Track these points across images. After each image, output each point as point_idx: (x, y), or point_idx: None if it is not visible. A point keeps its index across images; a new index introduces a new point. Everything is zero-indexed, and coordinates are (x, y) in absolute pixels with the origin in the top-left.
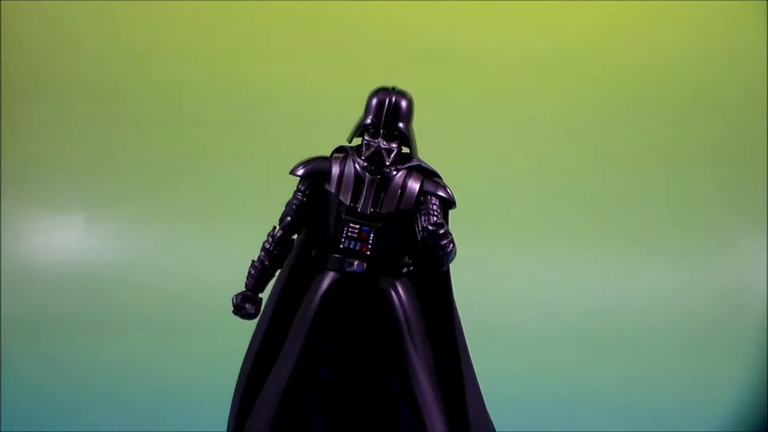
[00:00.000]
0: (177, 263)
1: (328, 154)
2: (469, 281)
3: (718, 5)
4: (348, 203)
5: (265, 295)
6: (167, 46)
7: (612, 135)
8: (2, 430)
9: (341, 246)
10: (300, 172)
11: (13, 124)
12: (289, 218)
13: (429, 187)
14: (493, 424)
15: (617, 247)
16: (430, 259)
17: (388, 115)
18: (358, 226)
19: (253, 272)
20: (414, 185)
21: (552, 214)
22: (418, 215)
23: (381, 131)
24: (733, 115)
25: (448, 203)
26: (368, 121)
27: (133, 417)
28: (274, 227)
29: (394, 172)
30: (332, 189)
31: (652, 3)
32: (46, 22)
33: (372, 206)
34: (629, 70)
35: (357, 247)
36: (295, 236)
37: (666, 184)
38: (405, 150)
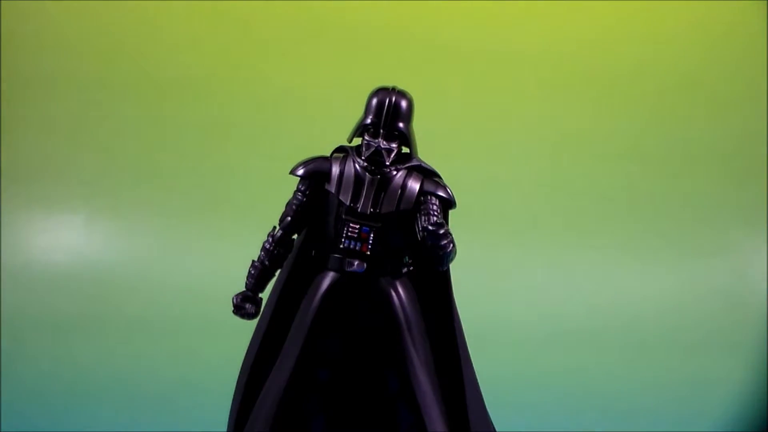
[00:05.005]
0: (177, 263)
1: (328, 154)
2: (469, 281)
3: (718, 5)
4: (348, 203)
5: (265, 295)
6: (167, 46)
7: (612, 135)
8: (2, 430)
9: (341, 246)
10: (300, 172)
11: (12, 124)
12: (289, 218)
13: (429, 187)
14: (493, 424)
15: (617, 247)
16: (430, 259)
17: (389, 115)
18: (358, 226)
19: (253, 272)
20: (414, 185)
21: (552, 213)
22: (418, 215)
23: (381, 131)
24: (733, 115)
25: (448, 203)
26: (368, 121)
27: (133, 417)
28: (274, 227)
29: (394, 172)
30: (332, 189)
31: (652, 3)
32: (46, 22)
33: (372, 206)
34: (629, 70)
35: (357, 247)
36: (295, 236)
37: (666, 183)
38: (405, 150)
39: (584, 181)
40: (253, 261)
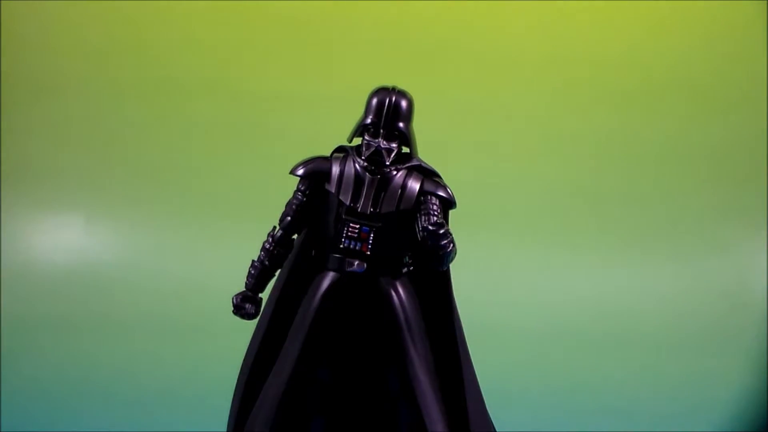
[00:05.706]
0: (177, 263)
1: (329, 154)
2: (469, 281)
3: (718, 5)
4: (348, 203)
5: (265, 295)
6: (167, 46)
7: (612, 135)
8: (2, 430)
9: (341, 246)
10: (300, 172)
11: (13, 125)
12: (289, 218)
13: (429, 186)
14: (493, 424)
15: (617, 247)
16: (430, 259)
17: (389, 115)
18: (358, 226)
19: (253, 272)
20: (414, 185)
21: (552, 213)
22: (418, 215)
23: (381, 131)
24: (733, 115)
25: (448, 203)
26: (368, 120)
27: (132, 417)
28: (274, 227)
29: (394, 172)
30: (332, 189)
31: (653, 3)
32: (46, 22)
33: (372, 206)
34: (629, 70)
35: (357, 247)
36: (295, 236)
37: (665, 183)
38: (405, 150)
39: (584, 181)
40: (253, 261)
